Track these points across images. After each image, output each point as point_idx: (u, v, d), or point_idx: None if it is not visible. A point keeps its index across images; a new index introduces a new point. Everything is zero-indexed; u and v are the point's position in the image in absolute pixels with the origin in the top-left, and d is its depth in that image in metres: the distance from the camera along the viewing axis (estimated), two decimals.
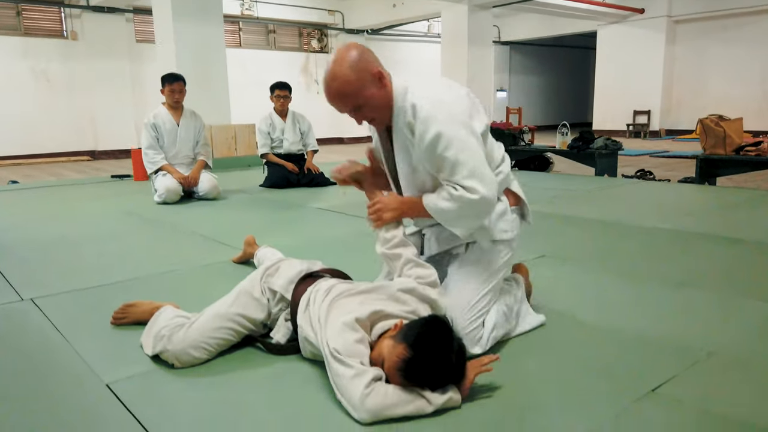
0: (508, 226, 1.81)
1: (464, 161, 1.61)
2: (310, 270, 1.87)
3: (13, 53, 9.26)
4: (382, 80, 1.67)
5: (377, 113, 1.71)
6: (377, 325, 1.56)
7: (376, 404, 1.35)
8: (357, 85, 1.63)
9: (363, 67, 1.64)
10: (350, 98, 1.65)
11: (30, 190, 5.89)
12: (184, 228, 3.79)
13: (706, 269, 2.65)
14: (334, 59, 1.66)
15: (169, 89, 4.86)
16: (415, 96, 1.66)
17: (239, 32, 11.85)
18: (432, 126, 1.60)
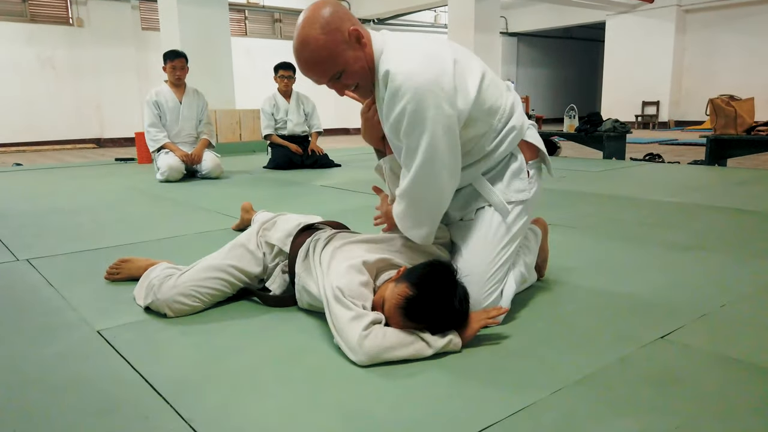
0: (524, 185, 1.61)
1: (421, 152, 1.41)
2: (307, 222, 1.82)
3: (18, 40, 9.26)
4: (361, 40, 1.44)
5: (359, 79, 1.48)
6: (383, 273, 1.52)
7: (374, 346, 1.30)
8: (329, 51, 1.41)
9: (336, 26, 1.41)
10: (326, 65, 1.43)
11: (33, 171, 5.88)
12: (185, 202, 3.76)
13: (715, 235, 2.58)
14: (302, 21, 1.42)
15: (171, 66, 4.82)
16: (390, 62, 1.42)
17: (245, 21, 11.80)
18: (399, 101, 1.39)
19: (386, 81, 1.42)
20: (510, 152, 1.62)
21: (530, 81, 17.58)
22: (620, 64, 13.77)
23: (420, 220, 1.52)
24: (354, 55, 1.44)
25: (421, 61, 1.42)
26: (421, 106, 1.38)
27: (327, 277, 1.48)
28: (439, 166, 1.43)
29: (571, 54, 18.73)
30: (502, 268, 1.59)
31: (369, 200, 3.40)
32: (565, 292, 1.82)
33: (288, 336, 1.50)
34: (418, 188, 1.47)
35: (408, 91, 1.38)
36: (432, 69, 1.41)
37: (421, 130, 1.40)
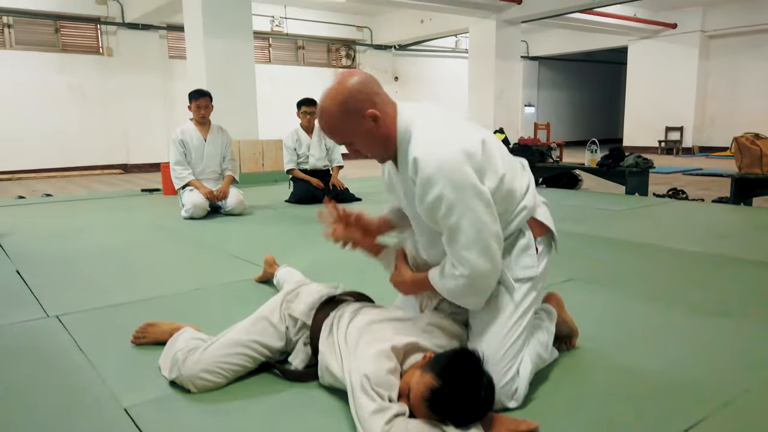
0: (532, 262, 1.63)
1: (465, 229, 1.45)
2: (331, 294, 1.84)
3: (50, 69, 9.55)
4: (377, 120, 1.51)
5: (371, 151, 1.58)
6: (410, 356, 1.53)
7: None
8: (343, 125, 1.52)
9: (353, 106, 1.49)
10: (338, 135, 1.56)
11: (62, 203, 6.03)
12: (209, 243, 3.82)
13: (740, 296, 2.55)
14: (327, 91, 1.52)
15: (196, 105, 4.93)
16: (418, 148, 1.47)
17: (269, 48, 12.02)
18: (434, 189, 1.44)
19: (415, 167, 1.46)
20: (519, 229, 1.64)
21: (551, 104, 17.55)
22: (643, 89, 13.68)
23: (476, 290, 1.54)
24: (367, 132, 1.51)
25: (451, 146, 1.46)
26: (458, 190, 1.43)
27: (353, 360, 1.49)
28: (488, 236, 1.48)
29: (593, 76, 18.67)
30: (514, 346, 1.59)
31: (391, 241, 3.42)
32: (584, 367, 1.81)
33: (310, 419, 1.52)
34: (476, 269, 1.49)
35: (441, 178, 1.42)
36: (461, 152, 1.45)
37: (462, 211, 1.44)
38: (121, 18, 9.88)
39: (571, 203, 5.28)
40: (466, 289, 1.52)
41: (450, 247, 1.50)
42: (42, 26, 9.50)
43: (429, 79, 14.65)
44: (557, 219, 1.83)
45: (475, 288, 1.52)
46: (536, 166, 6.77)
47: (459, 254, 1.48)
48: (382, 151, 1.58)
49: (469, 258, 1.47)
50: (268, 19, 11.45)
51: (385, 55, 13.61)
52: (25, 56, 9.35)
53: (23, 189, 7.87)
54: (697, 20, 12.63)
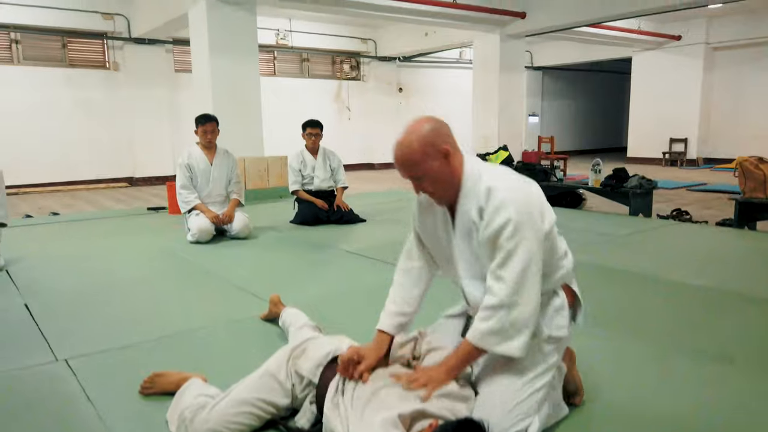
0: (564, 322, 1.73)
1: (520, 255, 1.56)
2: (338, 351, 1.86)
3: (57, 83, 9.62)
4: (448, 158, 1.66)
5: (437, 188, 1.70)
6: (417, 424, 1.54)
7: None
8: (419, 157, 1.64)
9: (430, 141, 1.65)
10: (411, 168, 1.67)
11: (69, 223, 6.07)
12: (215, 273, 3.85)
13: (742, 340, 2.55)
14: (406, 128, 1.69)
15: (202, 130, 4.98)
16: (492, 181, 1.63)
17: (274, 61, 12.08)
18: (504, 212, 1.57)
19: (488, 194, 1.61)
20: (554, 289, 1.73)
21: (555, 113, 17.55)
22: (647, 100, 13.68)
23: (517, 328, 1.59)
24: (438, 167, 1.66)
25: (519, 183, 1.66)
26: (524, 218, 1.57)
27: (360, 427, 1.51)
28: (535, 270, 1.59)
29: (598, 86, 18.67)
30: (532, 398, 1.64)
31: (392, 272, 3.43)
32: (585, 421, 1.83)
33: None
34: (516, 294, 1.57)
35: (512, 203, 1.57)
36: (528, 191, 1.64)
37: (521, 238, 1.57)
38: (128, 33, 9.95)
39: (575, 226, 5.29)
40: (507, 322, 1.57)
41: (499, 270, 1.59)
42: (49, 42, 9.58)
43: (433, 89, 14.69)
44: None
45: (514, 321, 1.57)
46: (540, 185, 6.77)
47: (507, 277, 1.57)
48: (446, 189, 1.69)
49: (516, 282, 1.56)
50: (273, 32, 11.51)
51: (390, 66, 13.65)
52: (33, 71, 9.42)
53: (29, 205, 7.93)
54: (702, 32, 12.63)
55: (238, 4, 7.33)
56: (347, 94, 13.24)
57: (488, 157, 7.62)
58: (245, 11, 7.45)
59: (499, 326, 1.59)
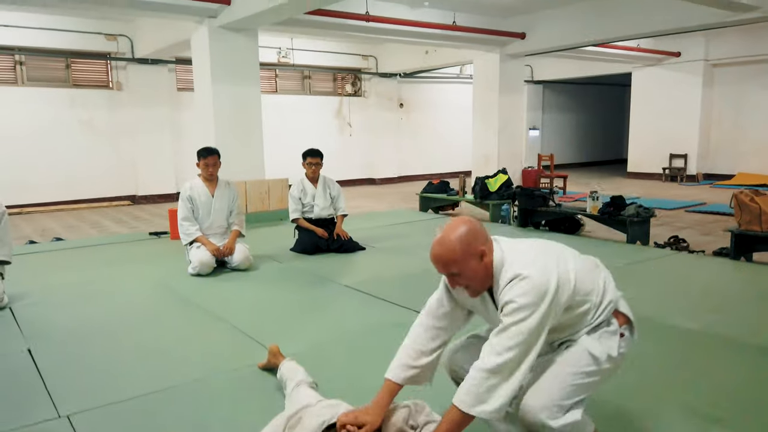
0: (616, 344, 1.91)
1: (515, 334, 1.72)
2: (332, 420, 1.92)
3: (61, 104, 9.72)
4: (483, 258, 1.82)
5: (471, 284, 1.85)
6: None
7: None
8: (458, 257, 1.79)
9: (469, 242, 1.80)
10: (449, 266, 1.82)
11: (72, 250, 6.14)
12: (215, 312, 3.90)
13: (733, 395, 2.59)
14: (447, 227, 1.85)
15: (204, 163, 5.05)
16: (513, 267, 1.80)
17: (275, 78, 12.18)
18: (510, 292, 1.76)
19: (508, 287, 1.78)
20: (607, 319, 1.93)
21: (556, 126, 17.61)
22: (647, 116, 13.73)
23: (492, 394, 1.73)
24: (474, 266, 1.82)
25: (538, 267, 1.79)
26: (529, 302, 1.73)
27: None
28: (534, 347, 1.75)
29: (598, 98, 18.73)
30: (574, 393, 1.83)
31: (393, 312, 3.54)
32: None
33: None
34: (514, 363, 1.73)
35: (521, 288, 1.75)
36: (546, 274, 1.78)
37: (531, 313, 1.73)
38: (131, 53, 10.05)
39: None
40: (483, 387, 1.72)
41: (494, 337, 1.76)
42: (53, 63, 9.69)
43: (433, 105, 14.78)
44: None
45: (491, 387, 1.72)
46: (538, 211, 6.84)
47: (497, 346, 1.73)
48: (481, 283, 1.86)
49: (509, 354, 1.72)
50: (275, 50, 11.60)
51: (390, 82, 13.74)
52: (37, 92, 9.52)
53: (33, 226, 8.01)
54: (701, 49, 12.69)
55: (240, 31, 7.41)
56: (348, 110, 13.33)
57: (487, 180, 7.67)
58: (247, 37, 7.54)
59: (475, 388, 1.73)
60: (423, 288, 4.33)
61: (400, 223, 7.56)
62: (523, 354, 1.73)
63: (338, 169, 12.67)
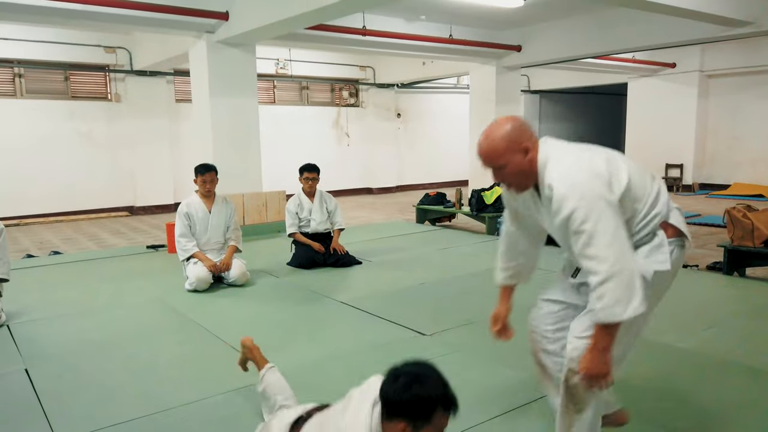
0: (664, 258, 1.92)
1: (602, 231, 1.75)
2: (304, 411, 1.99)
3: (60, 116, 9.77)
4: (528, 153, 1.92)
5: (514, 179, 1.97)
6: None
7: None
8: (502, 151, 1.91)
9: (514, 138, 1.91)
10: (495, 159, 1.93)
11: (70, 264, 6.17)
12: (212, 329, 3.93)
13: (719, 420, 2.63)
14: (493, 124, 1.97)
15: (201, 180, 5.09)
16: (552, 177, 1.86)
17: (273, 89, 12.25)
18: (568, 203, 1.79)
19: (551, 190, 1.85)
20: (653, 231, 1.95)
21: (553, 135, 17.60)
22: (643, 126, 13.82)
23: (631, 288, 1.76)
24: (518, 160, 1.92)
25: (579, 166, 1.85)
26: (589, 200, 1.77)
27: None
28: (619, 235, 1.77)
29: (595, 107, 18.84)
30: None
31: (388, 330, 3.59)
32: None
33: None
34: (618, 263, 1.74)
35: (573, 193, 1.79)
36: (588, 173, 1.82)
37: (595, 218, 1.76)
38: (130, 66, 10.12)
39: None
40: (620, 288, 1.74)
41: (588, 250, 1.77)
42: (52, 75, 9.75)
43: (431, 115, 14.86)
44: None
45: (625, 284, 1.74)
46: None
47: (600, 253, 1.75)
48: (524, 180, 1.97)
49: (609, 254, 1.74)
50: (273, 61, 11.67)
51: (388, 93, 13.82)
52: (36, 104, 9.58)
53: (31, 239, 8.04)
54: (696, 60, 12.79)
55: (237, 45, 7.47)
56: (346, 120, 13.40)
57: (483, 193, 7.72)
58: (245, 52, 7.60)
59: (616, 297, 1.75)
60: (418, 304, 4.39)
61: (397, 236, 7.59)
62: (618, 247, 1.75)
63: (336, 179, 12.76)
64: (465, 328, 3.87)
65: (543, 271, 2.74)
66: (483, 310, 4.28)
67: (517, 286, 2.35)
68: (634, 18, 8.57)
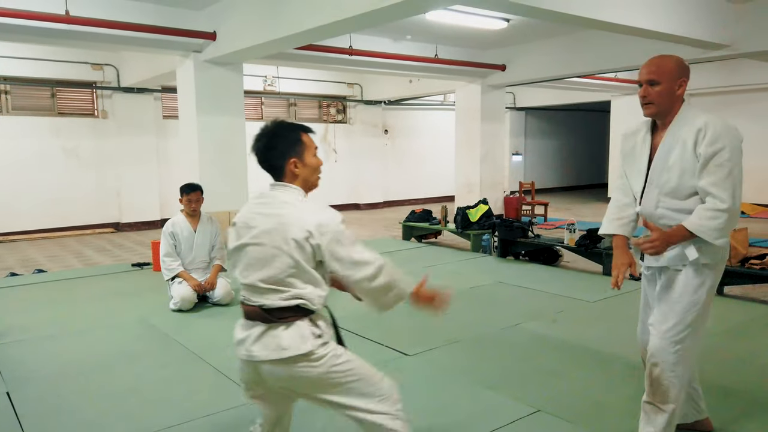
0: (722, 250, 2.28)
1: (735, 175, 2.15)
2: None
3: (46, 132, 9.76)
4: (681, 88, 2.27)
5: (658, 100, 2.26)
6: None
7: None
8: (668, 71, 2.24)
9: (682, 71, 2.28)
10: (656, 74, 2.24)
11: (54, 282, 6.14)
12: (195, 350, 3.94)
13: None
14: (671, 55, 2.33)
15: (187, 199, 5.12)
16: (708, 118, 2.20)
17: (261, 106, 12.32)
18: (721, 141, 2.15)
19: (706, 126, 2.18)
20: None
21: (539, 152, 17.91)
22: None
23: (730, 224, 2.19)
24: (670, 87, 2.26)
25: (728, 124, 2.22)
26: (735, 147, 2.18)
27: None
28: (741, 184, 2.20)
29: (579, 124, 19.11)
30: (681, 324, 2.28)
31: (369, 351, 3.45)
32: None
33: None
34: (735, 204, 2.16)
35: (726, 136, 2.17)
36: (735, 131, 2.22)
37: (736, 161, 2.18)
38: (117, 82, 10.14)
39: (550, 289, 5.43)
40: (725, 223, 2.15)
41: (727, 181, 2.15)
42: (38, 92, 9.75)
43: (418, 131, 15.00)
44: (534, 311, 2.23)
45: (730, 222, 2.17)
46: (518, 242, 6.97)
47: (730, 190, 2.14)
48: (663, 106, 2.27)
49: (736, 194, 2.16)
50: (261, 78, 11.75)
51: (375, 109, 13.94)
52: (22, 121, 9.56)
53: (15, 256, 7.98)
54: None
55: (225, 65, 7.54)
56: (334, 136, 13.49)
57: (468, 210, 7.81)
58: (232, 71, 7.67)
59: (722, 226, 2.16)
60: (401, 323, 4.43)
61: (382, 253, 7.62)
62: (740, 193, 2.18)
63: (323, 195, 12.80)
64: (448, 347, 3.92)
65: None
66: (467, 328, 4.37)
67: None
68: (615, 39, 8.74)
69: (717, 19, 7.13)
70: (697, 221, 2.17)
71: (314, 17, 5.48)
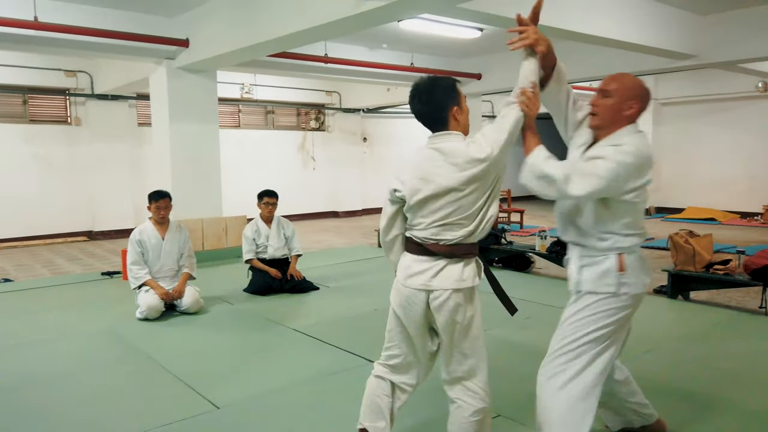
0: (611, 281, 2.24)
1: (593, 171, 2.14)
2: None
3: (17, 140, 9.61)
4: (631, 110, 2.24)
5: (602, 113, 2.27)
6: None
7: None
8: (624, 88, 2.24)
9: (635, 94, 2.24)
10: (612, 85, 2.26)
11: (22, 292, 6.04)
12: (160, 360, 3.89)
13: None
14: (637, 77, 2.31)
15: (155, 206, 5.08)
16: (629, 140, 2.18)
17: (238, 114, 12.27)
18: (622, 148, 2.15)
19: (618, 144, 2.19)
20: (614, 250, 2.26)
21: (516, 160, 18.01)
22: None
23: (546, 184, 2.35)
24: (619, 106, 2.23)
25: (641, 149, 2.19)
26: (620, 162, 2.14)
27: None
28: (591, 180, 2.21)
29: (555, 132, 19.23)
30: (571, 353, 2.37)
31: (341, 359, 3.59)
32: None
33: None
34: (568, 186, 2.23)
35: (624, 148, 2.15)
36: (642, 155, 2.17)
37: (611, 158, 2.15)
38: (91, 89, 10.04)
39: (521, 294, 5.46)
40: (546, 183, 2.30)
41: (586, 165, 2.22)
42: (10, 98, 9.61)
43: (397, 139, 15.04)
44: (502, 316, 2.51)
45: (535, 180, 2.38)
46: (491, 248, 7.01)
47: (580, 175, 2.19)
48: (608, 122, 2.27)
49: (573, 180, 2.22)
50: (238, 86, 11.71)
51: (354, 117, 13.97)
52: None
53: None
54: (650, 89, 13.30)
55: (198, 72, 7.51)
56: (312, 144, 13.48)
57: None
58: (205, 78, 7.64)
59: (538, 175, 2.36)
60: (372, 331, 4.42)
61: (357, 260, 7.64)
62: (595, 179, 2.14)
63: (301, 203, 12.79)
64: None
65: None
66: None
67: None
68: (589, 49, 8.88)
69: (685, 30, 7.29)
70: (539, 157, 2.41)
71: (287, 24, 5.49)
